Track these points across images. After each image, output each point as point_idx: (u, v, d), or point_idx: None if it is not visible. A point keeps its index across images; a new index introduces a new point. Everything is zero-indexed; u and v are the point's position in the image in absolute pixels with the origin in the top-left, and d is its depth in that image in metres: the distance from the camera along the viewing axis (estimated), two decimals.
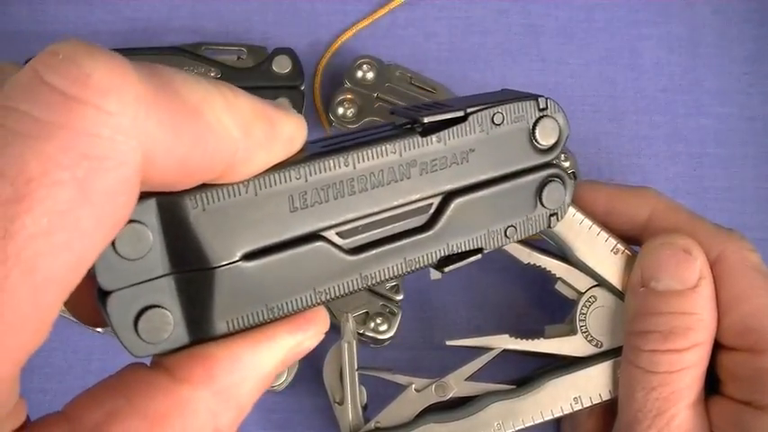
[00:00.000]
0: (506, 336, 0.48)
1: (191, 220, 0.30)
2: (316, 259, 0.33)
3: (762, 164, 0.59)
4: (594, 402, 0.46)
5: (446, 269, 0.37)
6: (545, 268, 0.48)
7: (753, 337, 0.42)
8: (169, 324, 0.31)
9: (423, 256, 0.37)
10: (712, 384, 0.44)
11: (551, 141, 0.39)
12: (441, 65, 0.59)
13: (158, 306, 0.31)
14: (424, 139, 0.35)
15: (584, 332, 0.47)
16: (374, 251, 0.35)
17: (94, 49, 0.25)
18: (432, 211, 0.37)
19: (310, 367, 0.53)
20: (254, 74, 0.56)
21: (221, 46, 0.57)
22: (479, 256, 0.38)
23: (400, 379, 0.48)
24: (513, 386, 0.47)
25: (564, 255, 0.47)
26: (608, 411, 0.47)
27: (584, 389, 0.47)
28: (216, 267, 0.31)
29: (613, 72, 0.60)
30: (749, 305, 0.42)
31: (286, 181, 0.32)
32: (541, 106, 0.39)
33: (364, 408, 0.49)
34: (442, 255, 0.37)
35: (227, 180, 0.30)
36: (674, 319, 0.42)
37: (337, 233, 0.34)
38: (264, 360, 0.31)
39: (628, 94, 0.60)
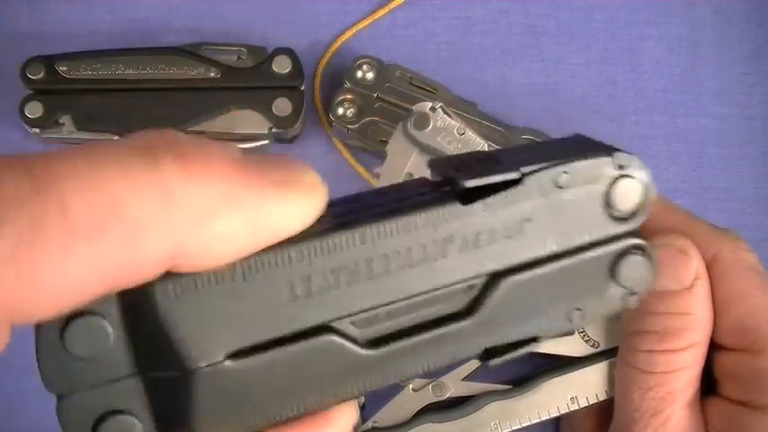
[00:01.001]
0: None
1: (161, 313, 0.25)
2: (323, 356, 0.27)
3: (762, 164, 0.58)
4: (591, 402, 0.47)
5: (492, 362, 0.30)
6: None
7: (749, 337, 0.42)
8: None
9: (462, 348, 0.30)
10: (709, 385, 0.44)
11: (631, 207, 0.31)
12: (440, 65, 0.59)
13: (122, 412, 0.26)
14: (466, 207, 0.28)
15: (581, 332, 0.47)
16: (398, 344, 0.29)
17: None
18: (474, 293, 0.29)
19: None
20: (254, 74, 0.56)
21: (221, 46, 0.57)
22: (535, 345, 0.31)
23: None
24: (510, 386, 0.48)
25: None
26: (605, 411, 0.47)
27: (581, 389, 0.47)
28: (194, 369, 0.26)
29: (613, 72, 0.60)
30: (745, 305, 0.42)
31: (284, 263, 0.26)
32: (621, 163, 0.30)
33: (362, 407, 0.49)
34: (488, 345, 0.30)
35: (187, 269, 0.24)
36: (670, 320, 0.42)
37: (352, 323, 0.28)
38: None
39: (628, 94, 0.59)
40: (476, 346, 0.30)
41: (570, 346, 0.47)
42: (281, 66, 0.56)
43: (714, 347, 0.43)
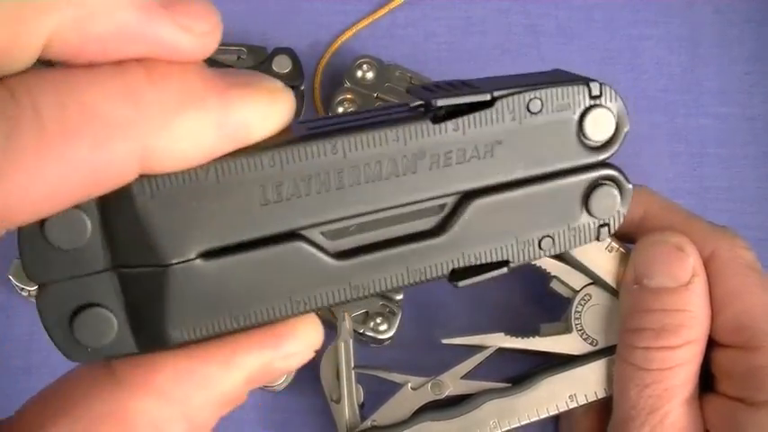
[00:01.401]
0: (502, 334, 0.48)
1: (137, 208, 0.26)
2: (292, 262, 0.28)
3: (763, 164, 0.58)
4: (590, 400, 0.46)
5: (461, 283, 0.31)
6: (540, 266, 0.47)
7: (746, 334, 0.42)
8: (111, 327, 0.27)
9: (431, 267, 0.30)
10: (707, 382, 0.44)
11: (604, 137, 0.31)
12: (440, 65, 0.59)
13: (98, 305, 0.27)
14: (437, 126, 0.29)
15: (580, 330, 0.47)
16: (368, 257, 0.30)
17: None
18: (445, 212, 0.30)
19: (309, 367, 0.53)
20: None
21: (221, 46, 0.57)
22: (504, 269, 0.32)
23: (396, 377, 0.48)
24: (509, 384, 0.47)
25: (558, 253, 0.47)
26: (604, 409, 0.47)
27: (580, 387, 0.46)
28: (167, 265, 0.27)
29: (613, 72, 0.60)
30: (742, 302, 0.42)
31: (256, 168, 0.27)
32: (593, 93, 0.31)
33: (361, 406, 0.49)
34: (457, 266, 0.31)
35: (160, 172, 0.25)
36: (667, 317, 0.42)
37: (322, 233, 0.29)
38: (222, 377, 0.27)
39: (628, 94, 0.58)
40: (444, 266, 0.31)
41: (569, 344, 0.47)
42: (281, 66, 0.56)
43: (711, 344, 0.43)
